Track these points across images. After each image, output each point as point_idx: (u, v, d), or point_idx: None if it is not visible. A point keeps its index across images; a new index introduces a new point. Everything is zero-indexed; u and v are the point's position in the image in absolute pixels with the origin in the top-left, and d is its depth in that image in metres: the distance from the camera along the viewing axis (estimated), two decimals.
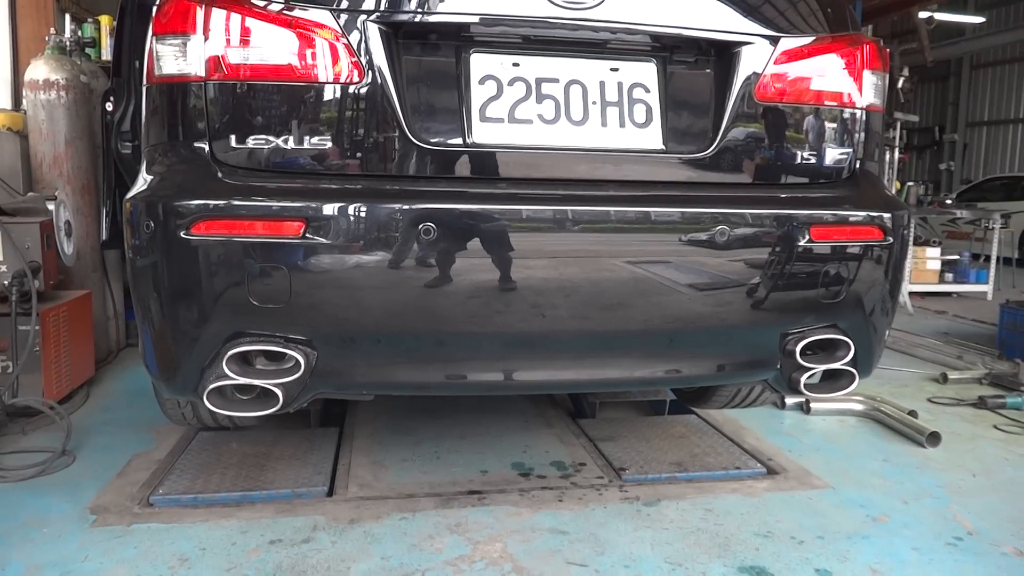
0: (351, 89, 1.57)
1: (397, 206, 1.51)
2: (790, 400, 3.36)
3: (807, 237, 1.61)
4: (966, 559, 2.07)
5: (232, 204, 1.49)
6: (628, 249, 1.58)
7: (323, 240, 1.47)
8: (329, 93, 1.57)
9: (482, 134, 1.63)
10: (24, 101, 3.83)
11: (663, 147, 1.68)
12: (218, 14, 1.55)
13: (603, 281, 1.58)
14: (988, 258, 7.51)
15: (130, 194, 1.60)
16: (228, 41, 1.55)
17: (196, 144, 1.58)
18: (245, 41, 1.54)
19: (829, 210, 1.66)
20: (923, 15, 9.36)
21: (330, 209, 1.49)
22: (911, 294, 6.49)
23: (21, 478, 2.42)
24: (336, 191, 1.53)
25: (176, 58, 1.56)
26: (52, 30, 3.90)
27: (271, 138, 1.55)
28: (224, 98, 1.57)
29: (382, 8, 1.59)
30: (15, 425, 2.82)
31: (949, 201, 9.16)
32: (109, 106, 3.38)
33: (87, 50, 4.10)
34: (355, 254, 1.51)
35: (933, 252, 7.12)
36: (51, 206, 3.03)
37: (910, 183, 8.62)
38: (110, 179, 3.47)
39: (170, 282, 1.52)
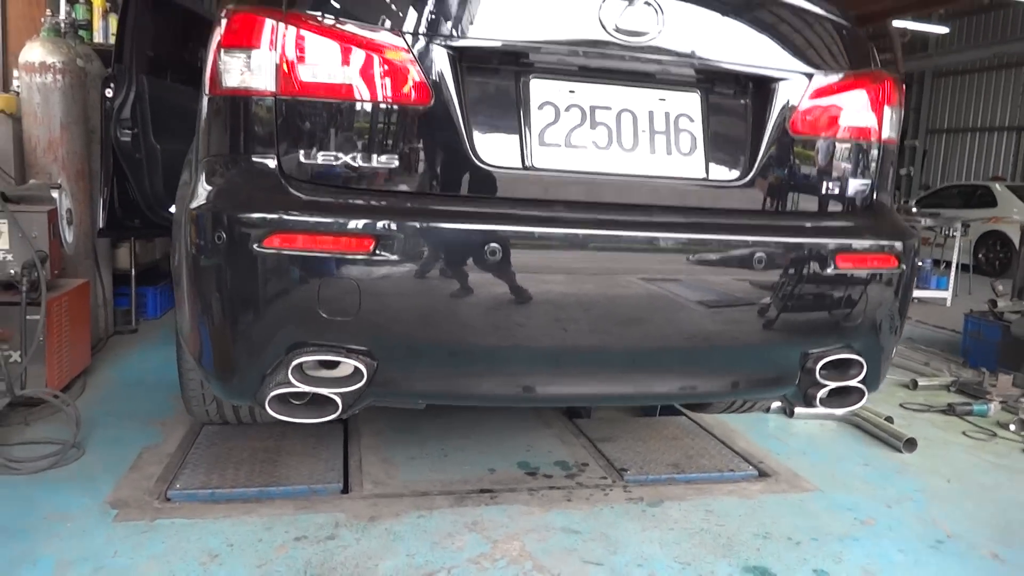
0: (419, 110, 1.63)
1: (462, 226, 1.58)
2: (774, 404, 3.51)
3: (834, 264, 1.73)
4: (949, 561, 2.23)
5: (305, 220, 1.53)
6: (669, 270, 1.68)
7: (392, 257, 1.53)
8: (398, 113, 1.62)
9: (541, 158, 1.70)
10: (16, 83, 3.76)
11: (705, 175, 1.78)
12: (292, 31, 1.59)
13: (652, 300, 1.67)
14: (948, 264, 7.82)
15: (195, 204, 1.62)
16: (301, 59, 1.59)
17: (263, 158, 1.62)
18: (318, 59, 1.58)
19: (854, 239, 1.78)
20: (897, 24, 9.64)
21: (399, 227, 1.55)
22: None
23: (35, 471, 2.43)
24: (404, 210, 1.59)
25: (244, 72, 1.59)
26: (48, 11, 3.82)
27: (340, 155, 1.60)
28: (294, 114, 1.60)
29: (451, 32, 1.65)
30: (16, 415, 2.82)
31: (914, 209, 9.49)
32: (109, 92, 3.36)
33: (80, 32, 4.03)
34: (421, 270, 1.57)
35: None
36: (55, 194, 3.00)
37: None
38: (108, 166, 3.45)
39: (239, 292, 1.56)
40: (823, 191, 1.86)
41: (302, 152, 1.60)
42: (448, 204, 1.63)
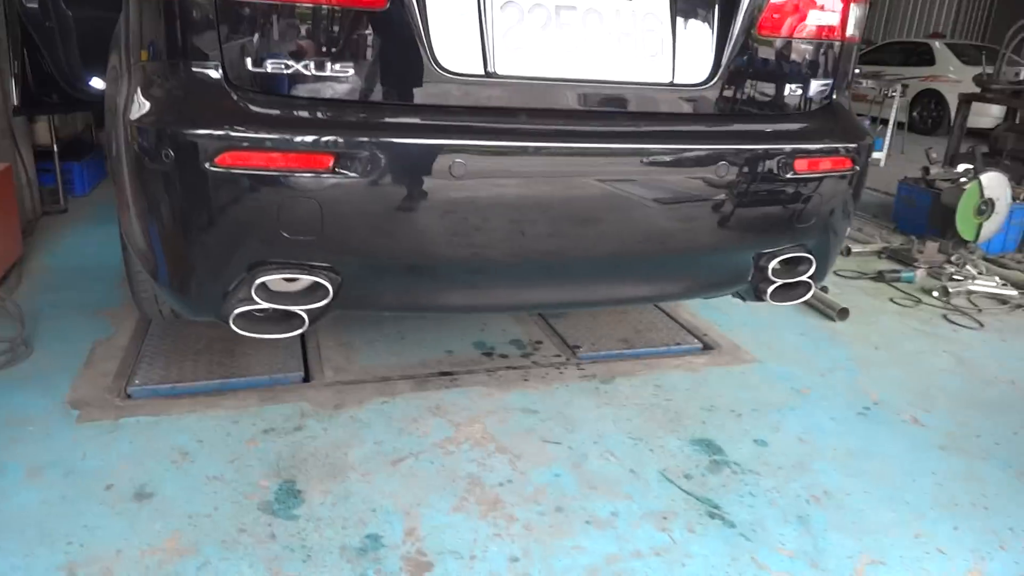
0: (375, 11, 1.51)
1: (425, 141, 1.51)
2: None
3: (793, 168, 1.74)
4: (874, 428, 2.44)
5: (258, 136, 1.44)
6: (633, 177, 1.66)
7: (353, 173, 1.47)
8: (352, 15, 1.50)
9: (504, 63, 1.61)
10: None
11: (671, 79, 1.73)
12: None
13: (612, 208, 1.66)
14: (884, 123, 7.96)
15: (136, 116, 1.50)
16: None
17: (206, 65, 1.49)
18: None
19: (813, 143, 1.79)
20: None
21: (360, 142, 1.47)
22: None
23: None
24: (364, 123, 1.50)
25: None
26: None
27: (290, 62, 1.48)
28: (237, 16, 1.47)
29: None
30: None
31: (856, 70, 9.47)
32: None
33: None
34: (384, 185, 1.51)
35: None
36: None
37: None
38: (15, 37, 3.15)
39: (192, 212, 1.49)
40: (785, 93, 1.83)
41: (249, 59, 1.48)
42: (409, 116, 1.55)
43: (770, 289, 1.91)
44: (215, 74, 1.49)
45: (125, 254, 2.27)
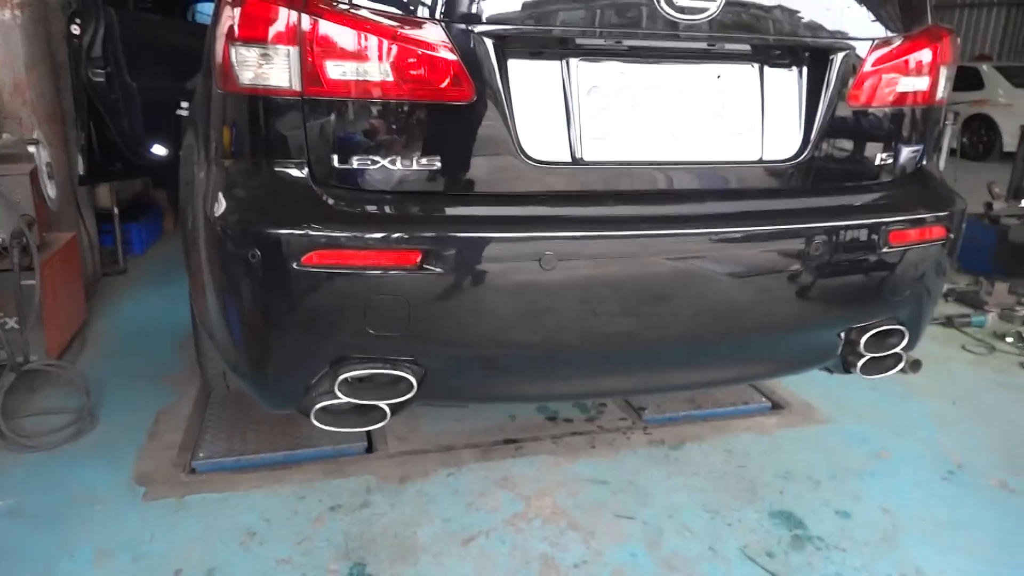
0: (461, 105, 1.49)
1: (514, 234, 1.48)
2: None
3: (888, 242, 1.67)
4: (962, 494, 2.31)
5: (346, 234, 1.43)
6: (729, 259, 1.59)
7: (441, 268, 1.44)
8: (438, 110, 1.49)
9: (591, 150, 1.59)
10: None
11: (760, 156, 1.69)
12: (319, 21, 1.43)
13: (707, 291, 1.61)
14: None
15: (220, 213, 1.51)
16: (331, 53, 1.43)
17: (291, 163, 1.49)
18: (349, 53, 1.43)
19: (909, 214, 1.71)
20: None
21: (447, 237, 1.45)
22: None
23: (52, 446, 2.40)
24: (451, 218, 1.48)
25: (264, 67, 1.43)
26: None
27: (376, 158, 1.47)
28: (324, 115, 1.46)
29: (492, 17, 1.49)
30: (22, 382, 2.75)
31: None
32: (75, 29, 3.11)
33: None
34: (471, 279, 1.49)
35: None
36: (32, 149, 2.82)
37: None
38: (83, 109, 3.24)
39: (276, 309, 1.47)
40: (876, 163, 1.76)
41: (335, 156, 1.47)
42: (497, 208, 1.52)
43: (860, 363, 1.83)
44: (301, 172, 1.48)
45: (196, 330, 2.27)
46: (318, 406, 1.55)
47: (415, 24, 1.45)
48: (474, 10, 1.48)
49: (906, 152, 1.79)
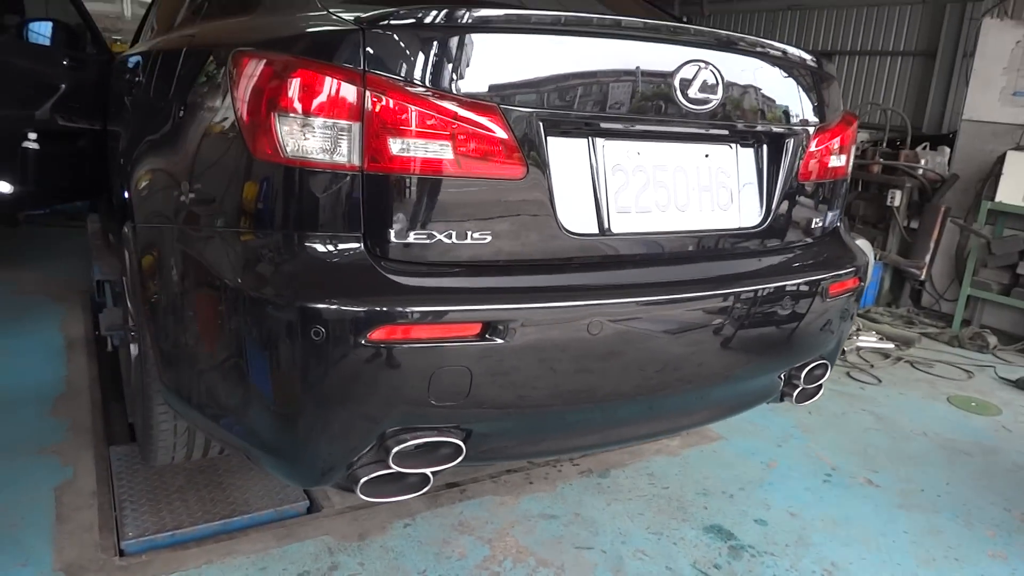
0: (513, 180, 1.56)
1: (567, 303, 1.55)
2: None
3: (829, 293, 1.98)
4: (841, 493, 2.72)
5: (409, 309, 1.43)
6: (722, 316, 1.80)
7: (498, 337, 1.48)
8: (492, 185, 1.53)
9: (617, 222, 1.73)
10: None
11: (738, 224, 1.93)
12: (381, 100, 1.42)
13: (708, 345, 1.80)
14: None
15: (273, 290, 1.44)
16: (392, 130, 1.43)
17: (348, 239, 1.47)
18: (411, 131, 1.43)
19: (843, 268, 2.04)
20: None
21: (506, 308, 1.50)
22: None
23: None
24: (506, 287, 1.53)
25: (320, 140, 1.40)
26: None
27: (433, 233, 1.48)
28: (383, 190, 1.45)
29: (541, 101, 1.57)
30: None
31: None
32: None
33: None
34: (528, 345, 1.55)
35: None
36: None
37: None
38: None
39: (340, 387, 1.43)
40: (812, 225, 2.10)
41: (392, 231, 1.47)
42: (546, 276, 1.59)
43: (795, 393, 2.13)
44: (358, 247, 1.46)
45: (146, 403, 2.08)
46: (366, 478, 1.52)
47: (474, 105, 1.50)
48: (526, 94, 1.56)
49: (830, 215, 2.13)
